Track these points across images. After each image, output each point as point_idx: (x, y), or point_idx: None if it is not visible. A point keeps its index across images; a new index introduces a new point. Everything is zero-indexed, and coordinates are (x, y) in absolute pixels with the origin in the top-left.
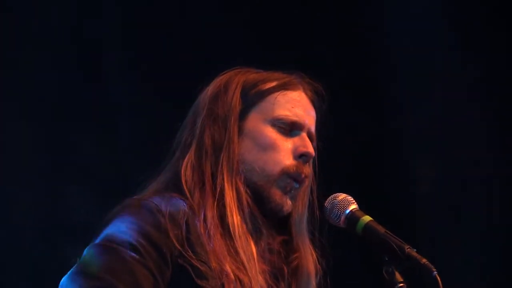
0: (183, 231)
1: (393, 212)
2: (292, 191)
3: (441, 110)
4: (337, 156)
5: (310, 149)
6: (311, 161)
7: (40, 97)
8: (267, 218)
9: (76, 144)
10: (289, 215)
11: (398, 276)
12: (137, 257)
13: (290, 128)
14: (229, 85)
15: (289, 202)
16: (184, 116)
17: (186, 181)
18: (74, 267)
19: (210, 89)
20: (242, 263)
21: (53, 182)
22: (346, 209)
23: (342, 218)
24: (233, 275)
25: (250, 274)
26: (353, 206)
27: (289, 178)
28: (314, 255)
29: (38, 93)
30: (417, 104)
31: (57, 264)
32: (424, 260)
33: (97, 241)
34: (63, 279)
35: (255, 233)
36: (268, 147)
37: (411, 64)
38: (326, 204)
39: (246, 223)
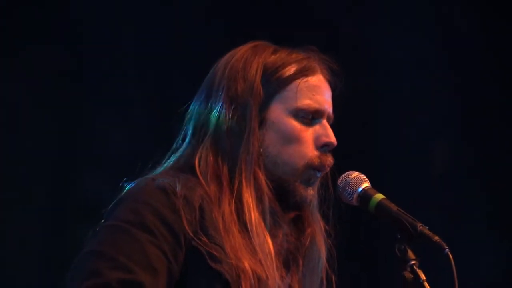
0: (197, 214)
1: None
2: (314, 181)
3: None
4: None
5: (332, 139)
6: None
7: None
8: (286, 211)
9: (91, 126)
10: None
11: (410, 254)
12: (151, 238)
13: (312, 117)
14: (249, 66)
15: (312, 192)
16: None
17: (201, 173)
18: (86, 246)
19: (226, 66)
20: (260, 260)
21: (66, 164)
22: (359, 187)
23: (355, 196)
24: (251, 270)
25: (267, 272)
26: (366, 184)
27: (313, 170)
28: (324, 232)
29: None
30: None
31: (69, 245)
32: (436, 238)
33: (110, 220)
34: (76, 258)
35: (273, 228)
36: (292, 140)
37: None
38: (339, 182)
39: (265, 220)
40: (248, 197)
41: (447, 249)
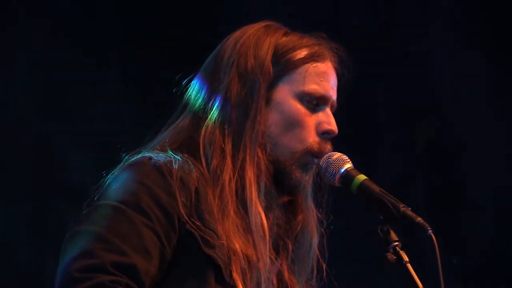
0: (193, 197)
1: None
2: (311, 167)
3: None
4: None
5: (334, 127)
6: None
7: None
8: (279, 195)
9: (75, 103)
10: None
11: (393, 235)
12: (145, 220)
13: (316, 102)
14: (260, 45)
15: (306, 177)
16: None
17: (204, 146)
18: (78, 224)
19: (237, 42)
20: (253, 241)
21: (50, 143)
22: (341, 168)
23: (337, 177)
24: (241, 252)
25: (258, 254)
26: (348, 165)
27: (311, 156)
28: (316, 218)
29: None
30: None
31: (55, 224)
32: (419, 219)
33: (106, 199)
34: (67, 237)
35: (268, 210)
36: (295, 123)
37: None
38: (321, 163)
39: (261, 201)
40: (251, 175)
41: (430, 230)
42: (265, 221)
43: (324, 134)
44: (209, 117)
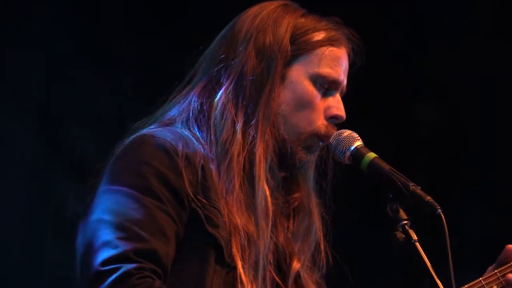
0: (199, 175)
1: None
2: (316, 149)
3: None
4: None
5: (342, 112)
6: None
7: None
8: (279, 171)
9: (75, 81)
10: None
11: (402, 214)
12: (158, 203)
13: (328, 86)
14: (279, 22)
15: (310, 158)
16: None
17: (216, 117)
18: (93, 212)
19: (256, 18)
20: (256, 219)
21: (50, 121)
22: (351, 145)
23: (347, 154)
24: (242, 229)
25: (260, 231)
26: (358, 143)
27: (317, 138)
28: (316, 201)
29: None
30: None
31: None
32: (428, 198)
33: (114, 183)
34: (82, 227)
35: (271, 188)
36: (306, 104)
37: None
38: (331, 140)
39: (268, 178)
40: (261, 151)
41: (439, 209)
42: (269, 200)
43: (331, 119)
44: (223, 89)
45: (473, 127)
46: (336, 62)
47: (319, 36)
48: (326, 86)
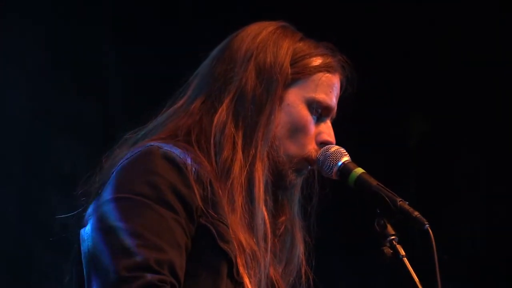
0: (208, 191)
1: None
2: (305, 172)
3: None
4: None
5: (332, 139)
6: None
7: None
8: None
9: (63, 94)
10: None
11: (390, 229)
12: (172, 214)
13: (321, 112)
14: (280, 44)
15: (299, 180)
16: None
17: (215, 134)
18: (105, 220)
19: (257, 36)
20: (257, 239)
21: (40, 132)
22: (338, 161)
23: (334, 170)
24: (248, 247)
25: (260, 251)
26: (346, 158)
27: (307, 162)
28: (300, 224)
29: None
30: None
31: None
32: (416, 213)
33: (125, 192)
34: (90, 234)
35: (269, 210)
36: (300, 128)
37: None
38: (318, 156)
39: (266, 199)
40: (260, 172)
41: (427, 225)
42: (267, 221)
43: (322, 144)
44: (223, 105)
45: (463, 138)
46: (330, 88)
47: (317, 61)
48: (319, 111)
